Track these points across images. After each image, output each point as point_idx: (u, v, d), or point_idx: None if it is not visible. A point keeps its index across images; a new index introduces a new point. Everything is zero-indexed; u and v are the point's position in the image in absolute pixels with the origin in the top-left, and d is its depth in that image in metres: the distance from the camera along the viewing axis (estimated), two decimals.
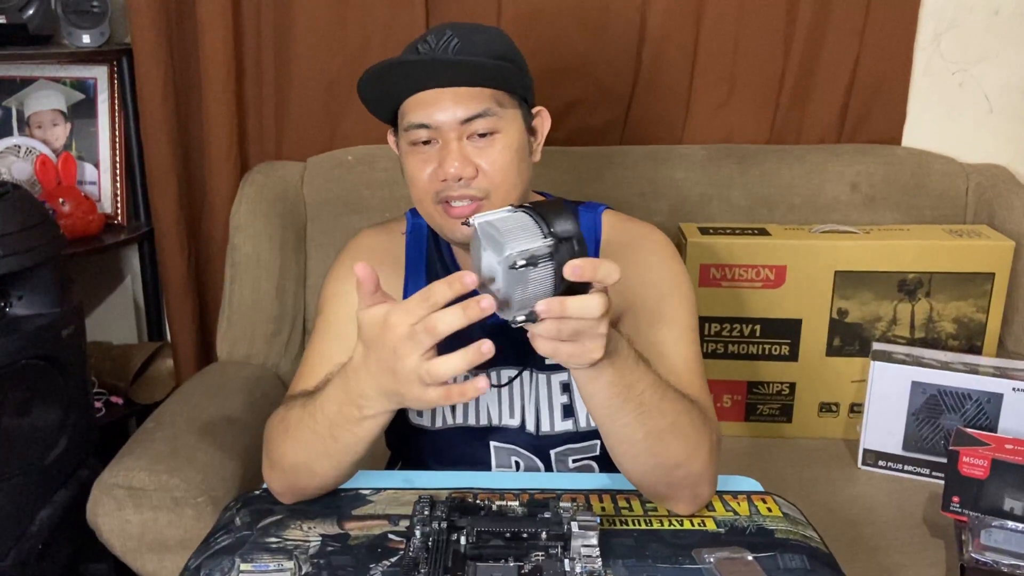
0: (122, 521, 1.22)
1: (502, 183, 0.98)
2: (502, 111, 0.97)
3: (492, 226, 0.72)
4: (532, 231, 0.72)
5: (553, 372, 1.08)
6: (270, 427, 0.97)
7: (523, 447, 1.11)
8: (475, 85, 0.95)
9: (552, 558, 0.83)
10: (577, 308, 0.72)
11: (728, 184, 1.69)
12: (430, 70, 0.96)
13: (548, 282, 0.72)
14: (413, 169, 0.99)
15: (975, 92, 1.80)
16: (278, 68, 1.71)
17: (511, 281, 0.71)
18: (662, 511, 0.93)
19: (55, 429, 1.40)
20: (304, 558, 0.84)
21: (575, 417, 1.09)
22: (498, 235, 0.71)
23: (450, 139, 0.96)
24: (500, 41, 1.00)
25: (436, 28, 0.99)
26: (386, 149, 1.69)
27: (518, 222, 0.72)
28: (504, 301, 0.72)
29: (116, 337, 1.94)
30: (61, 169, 1.72)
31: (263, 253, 1.61)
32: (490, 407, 1.10)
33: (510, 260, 0.70)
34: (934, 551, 1.31)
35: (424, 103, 0.96)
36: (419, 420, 1.11)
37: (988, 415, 1.45)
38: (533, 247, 0.71)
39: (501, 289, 0.72)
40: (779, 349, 1.60)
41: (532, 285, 0.71)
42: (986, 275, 1.56)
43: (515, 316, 0.73)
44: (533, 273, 0.71)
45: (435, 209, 1.00)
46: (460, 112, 0.95)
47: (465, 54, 0.95)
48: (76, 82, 1.77)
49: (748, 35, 1.73)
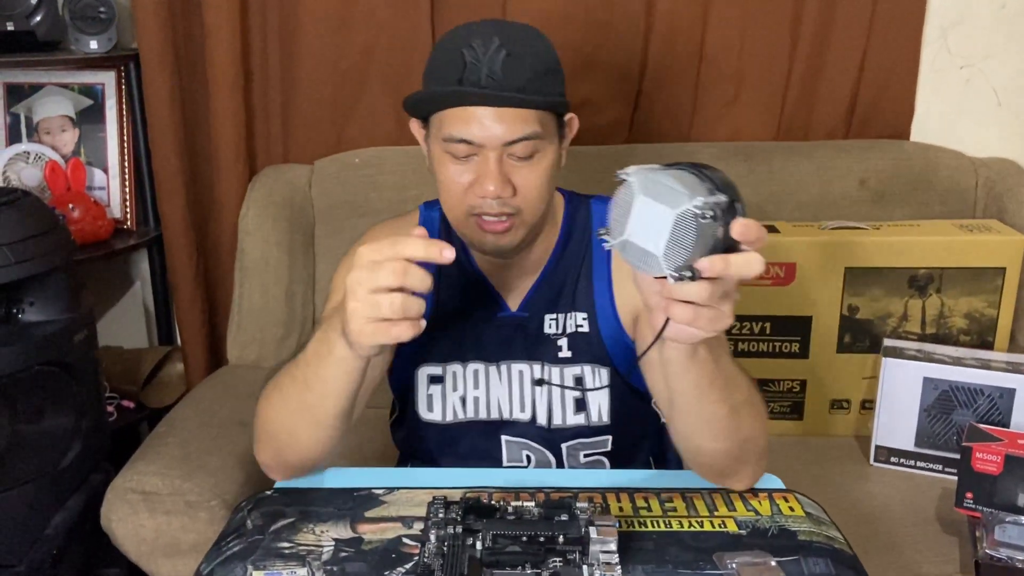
0: (136, 525, 1.22)
1: (535, 201, 0.99)
2: (544, 132, 0.96)
3: (658, 179, 0.68)
4: (703, 186, 0.68)
5: (566, 366, 1.08)
6: (261, 398, 0.98)
7: (534, 441, 1.11)
8: (522, 107, 0.94)
9: (570, 564, 0.82)
10: (741, 265, 0.68)
11: (736, 181, 1.67)
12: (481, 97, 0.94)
13: (712, 240, 0.67)
14: (447, 178, 0.98)
15: (983, 86, 1.79)
16: (284, 71, 1.71)
17: (681, 234, 0.66)
18: (681, 511, 0.92)
19: (68, 434, 1.40)
20: (317, 564, 0.84)
21: (587, 411, 1.10)
22: (676, 186, 0.67)
23: (490, 158, 0.95)
24: (545, 51, 0.97)
25: (482, 30, 0.95)
26: (393, 151, 1.71)
27: (685, 177, 0.68)
28: (655, 256, 0.67)
29: (126, 341, 1.94)
30: (70, 175, 1.73)
31: (272, 257, 1.61)
32: (501, 401, 1.11)
33: (694, 211, 0.66)
34: (948, 548, 1.31)
35: (468, 119, 0.94)
36: (429, 415, 1.12)
37: (1000, 410, 1.45)
38: (713, 200, 0.66)
39: (663, 244, 0.66)
40: (789, 346, 1.60)
41: (701, 241, 0.67)
42: (997, 270, 1.56)
43: (671, 272, 0.68)
44: (708, 228, 0.66)
45: (467, 221, 0.99)
46: (505, 134, 0.94)
47: (513, 69, 0.93)
48: (84, 88, 1.77)
49: (755, 32, 1.72)
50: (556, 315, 1.08)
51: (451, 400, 1.10)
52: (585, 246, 1.08)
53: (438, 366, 1.10)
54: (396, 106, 1.74)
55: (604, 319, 1.07)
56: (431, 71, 0.98)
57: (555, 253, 1.07)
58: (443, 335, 1.08)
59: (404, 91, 1.69)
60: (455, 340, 1.09)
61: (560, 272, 1.08)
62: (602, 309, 1.07)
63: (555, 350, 1.08)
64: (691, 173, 0.70)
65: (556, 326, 1.08)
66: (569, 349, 1.08)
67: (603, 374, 1.08)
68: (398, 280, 0.75)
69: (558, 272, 1.08)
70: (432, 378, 1.10)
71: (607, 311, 1.07)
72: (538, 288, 1.08)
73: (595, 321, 1.07)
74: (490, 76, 0.92)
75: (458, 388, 1.10)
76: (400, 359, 1.11)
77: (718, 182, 0.69)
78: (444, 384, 1.10)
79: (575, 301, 1.07)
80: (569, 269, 1.08)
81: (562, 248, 1.08)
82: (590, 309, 1.07)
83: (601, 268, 1.07)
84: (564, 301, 1.07)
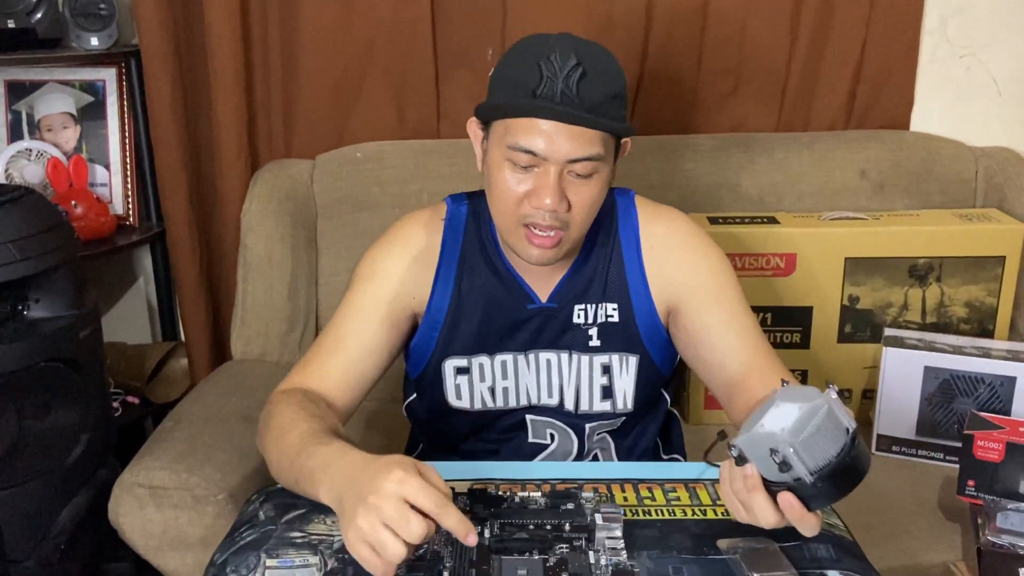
0: (144, 520, 1.23)
1: (586, 218, 1.01)
2: (605, 154, 0.97)
3: (835, 415, 0.75)
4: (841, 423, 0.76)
5: (595, 354, 1.10)
6: (270, 407, 1.00)
7: (560, 421, 1.14)
8: (592, 128, 0.95)
9: (577, 550, 0.83)
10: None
11: (737, 173, 1.69)
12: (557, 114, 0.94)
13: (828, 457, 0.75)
14: (504, 184, 0.98)
15: (983, 76, 1.80)
16: (286, 66, 1.71)
17: (803, 452, 0.74)
18: (685, 501, 0.93)
19: (74, 430, 1.41)
20: (329, 553, 0.85)
21: (613, 399, 1.12)
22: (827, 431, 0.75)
23: (552, 172, 0.95)
24: (618, 75, 0.98)
25: (560, 44, 0.95)
26: (395, 145, 1.72)
27: (834, 421, 0.75)
28: (773, 458, 0.75)
29: (130, 337, 1.95)
30: (72, 172, 1.73)
31: (275, 252, 1.62)
32: (529, 389, 1.12)
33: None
34: (950, 535, 1.32)
35: (537, 131, 0.94)
36: (458, 403, 1.13)
37: (1001, 398, 1.46)
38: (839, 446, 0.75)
39: (789, 452, 0.74)
40: (791, 337, 1.61)
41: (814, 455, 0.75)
42: (997, 259, 1.56)
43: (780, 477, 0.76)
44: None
45: (516, 229, 1.00)
46: (571, 151, 0.95)
47: (588, 89, 0.94)
48: (85, 84, 1.78)
49: (754, 24, 1.72)
50: (585, 305, 1.09)
51: (479, 389, 1.12)
52: (613, 237, 1.10)
53: (464, 358, 1.11)
54: (397, 100, 1.75)
55: (640, 308, 1.09)
56: (504, 77, 0.98)
57: (584, 246, 1.09)
58: (468, 329, 1.10)
59: (406, 85, 1.74)
60: (482, 333, 1.10)
61: (590, 264, 1.09)
62: (637, 298, 1.09)
63: (585, 339, 1.10)
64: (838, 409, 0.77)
65: (585, 316, 1.09)
66: (599, 338, 1.10)
67: (631, 362, 1.11)
68: (413, 537, 0.74)
69: (587, 264, 1.09)
70: (459, 369, 1.12)
71: (643, 300, 1.09)
72: (568, 280, 1.09)
73: (629, 311, 1.09)
74: (565, 92, 0.93)
75: (486, 379, 1.12)
76: (420, 354, 1.12)
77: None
78: (471, 375, 1.12)
79: (606, 292, 1.09)
80: (599, 261, 1.10)
81: (591, 241, 1.09)
82: (623, 299, 1.09)
83: (633, 259, 1.09)
84: (594, 292, 1.09)
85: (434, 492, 0.75)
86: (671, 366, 1.16)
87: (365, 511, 0.75)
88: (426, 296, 1.09)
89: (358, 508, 0.76)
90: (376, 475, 0.77)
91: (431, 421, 1.20)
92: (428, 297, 1.09)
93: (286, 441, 0.92)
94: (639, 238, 1.09)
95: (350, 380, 1.05)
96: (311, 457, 0.87)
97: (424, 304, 1.09)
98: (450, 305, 1.09)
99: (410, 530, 0.74)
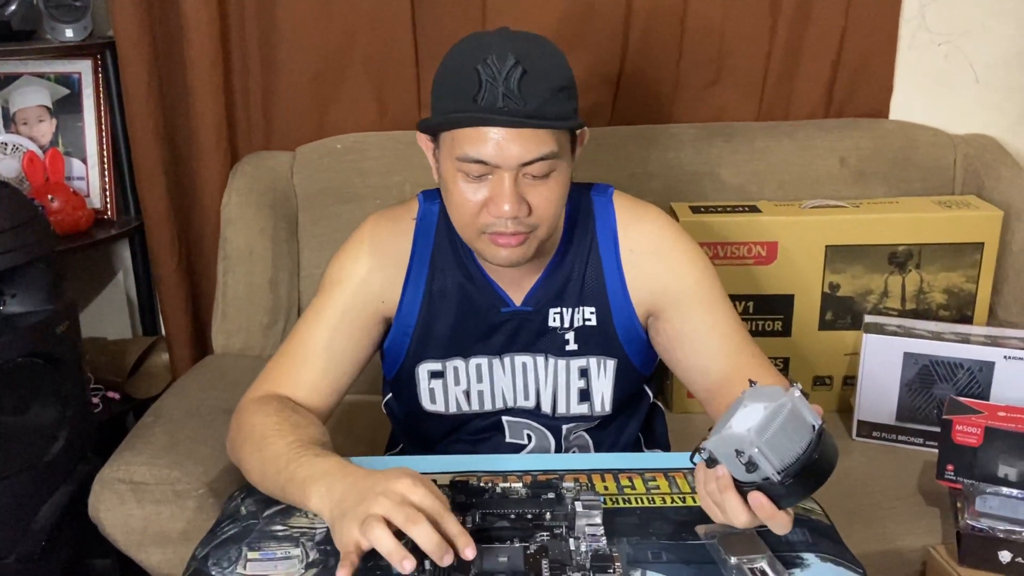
0: (124, 515, 1.22)
1: (551, 218, 0.98)
2: (559, 151, 0.94)
3: (799, 413, 0.76)
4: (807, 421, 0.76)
5: (572, 358, 1.09)
6: (245, 416, 0.99)
7: (536, 422, 1.13)
8: (538, 128, 0.91)
9: (557, 538, 0.84)
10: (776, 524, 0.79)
11: (718, 162, 1.69)
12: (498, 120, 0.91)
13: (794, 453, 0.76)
14: (460, 196, 0.96)
15: (961, 63, 1.80)
16: (264, 57, 1.69)
17: (769, 452, 0.75)
18: (664, 489, 0.94)
19: (53, 426, 1.40)
20: (311, 545, 0.85)
21: (591, 402, 1.11)
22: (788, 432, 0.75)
23: (506, 178, 0.92)
24: (560, 67, 0.94)
25: (497, 44, 0.92)
26: (376, 136, 1.71)
27: (798, 420, 0.76)
28: (745, 458, 0.76)
29: (111, 332, 1.93)
30: (48, 165, 1.71)
31: (255, 245, 1.61)
32: (505, 392, 1.11)
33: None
34: (930, 519, 1.33)
35: (484, 140, 0.91)
36: (432, 407, 1.12)
37: (980, 383, 1.47)
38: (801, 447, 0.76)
39: (754, 452, 0.75)
40: (772, 325, 1.61)
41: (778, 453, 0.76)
42: (975, 245, 1.58)
43: (749, 478, 0.77)
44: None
45: (481, 237, 0.98)
46: (522, 155, 0.92)
47: (530, 88, 0.90)
48: (61, 77, 1.75)
49: (735, 13, 1.72)
50: (561, 309, 1.07)
51: (454, 393, 1.11)
52: (590, 238, 1.07)
53: (438, 362, 1.10)
54: (378, 91, 1.74)
55: (619, 312, 1.07)
56: (443, 86, 0.95)
57: (559, 248, 1.07)
58: (441, 332, 1.08)
59: (385, 75, 1.73)
60: (455, 336, 1.08)
61: (565, 266, 1.07)
62: (616, 302, 1.07)
63: (561, 343, 1.08)
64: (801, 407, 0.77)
65: (562, 320, 1.07)
66: (576, 342, 1.08)
67: (609, 366, 1.09)
68: (410, 524, 0.76)
69: (563, 266, 1.07)
70: (433, 373, 1.10)
71: (621, 304, 1.07)
72: (542, 283, 1.07)
73: (607, 314, 1.07)
74: (507, 96, 0.90)
75: (460, 382, 1.10)
76: (393, 357, 1.11)
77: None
78: (445, 378, 1.10)
79: (583, 295, 1.07)
80: (575, 263, 1.07)
81: (566, 242, 1.07)
82: (601, 303, 1.07)
83: (611, 261, 1.07)
84: (570, 294, 1.07)
85: (438, 501, 0.78)
86: (652, 366, 1.15)
87: (375, 501, 0.77)
88: (396, 299, 1.06)
89: (368, 501, 0.78)
90: (386, 478, 0.80)
91: (407, 421, 1.19)
92: (399, 300, 1.06)
93: (273, 450, 0.91)
94: (618, 240, 1.06)
95: (323, 389, 1.04)
96: (303, 467, 0.87)
97: (395, 307, 1.07)
98: (421, 308, 1.07)
99: (417, 528, 0.76)
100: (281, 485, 0.89)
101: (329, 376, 1.05)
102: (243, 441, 0.97)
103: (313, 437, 0.93)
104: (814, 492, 0.77)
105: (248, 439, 0.96)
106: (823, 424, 0.77)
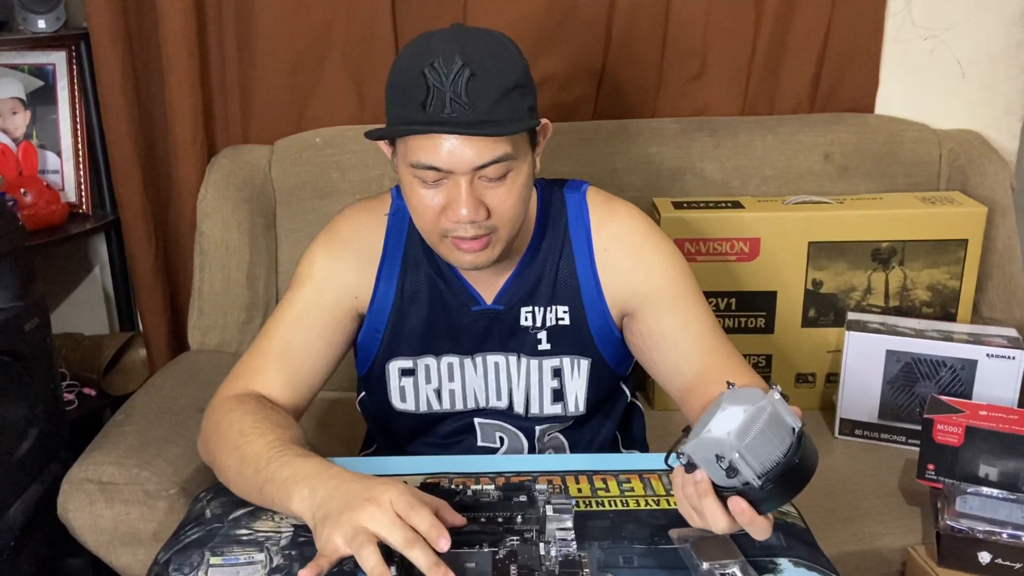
0: (94, 516, 1.20)
1: (512, 220, 0.96)
2: (515, 151, 0.92)
3: (779, 416, 0.74)
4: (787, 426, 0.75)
5: (545, 357, 1.07)
6: (220, 415, 0.96)
7: (509, 424, 1.12)
8: (488, 134, 0.89)
9: (527, 542, 0.82)
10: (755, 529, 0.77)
11: (701, 157, 1.68)
12: (447, 127, 0.89)
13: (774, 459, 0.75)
14: (419, 202, 0.94)
15: (947, 58, 1.79)
16: (241, 49, 1.67)
17: (749, 456, 0.74)
18: (639, 491, 0.92)
19: (23, 424, 1.37)
20: (276, 549, 0.83)
21: (564, 402, 1.09)
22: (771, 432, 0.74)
23: (461, 183, 0.91)
24: (511, 65, 0.91)
25: (444, 45, 0.89)
26: (355, 130, 1.68)
27: (778, 423, 0.74)
28: (718, 461, 0.74)
29: (87, 328, 1.91)
30: (22, 158, 1.68)
31: (232, 240, 1.58)
32: (477, 392, 1.10)
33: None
34: (910, 519, 1.32)
35: (436, 146, 0.89)
36: (402, 406, 1.10)
37: (963, 382, 1.46)
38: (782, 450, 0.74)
39: (735, 457, 0.73)
40: (755, 322, 1.60)
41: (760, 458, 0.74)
42: (959, 242, 1.57)
43: (728, 481, 0.76)
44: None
45: (443, 242, 0.96)
46: (476, 159, 0.90)
47: (479, 91, 0.88)
48: (34, 68, 1.72)
49: (719, 7, 1.71)
50: (533, 308, 1.06)
51: (424, 392, 1.09)
52: (562, 237, 1.05)
53: (409, 359, 1.08)
54: (357, 84, 1.72)
55: (592, 311, 1.05)
56: (393, 91, 0.93)
57: (530, 246, 1.05)
58: (412, 329, 1.07)
59: (365, 68, 1.70)
60: (426, 334, 1.07)
61: (536, 264, 1.05)
62: (589, 301, 1.05)
63: (534, 342, 1.06)
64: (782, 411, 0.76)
65: (534, 319, 1.06)
66: (549, 341, 1.06)
67: (583, 365, 1.08)
68: (403, 544, 0.75)
69: (534, 264, 1.05)
70: (403, 371, 1.09)
71: (595, 303, 1.05)
72: (513, 281, 1.05)
73: (581, 313, 1.05)
74: (455, 100, 0.88)
75: (432, 380, 1.09)
76: (365, 353, 1.09)
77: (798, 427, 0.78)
78: (416, 376, 1.09)
79: (555, 294, 1.05)
80: (546, 261, 1.05)
81: (537, 240, 1.05)
82: (574, 301, 1.05)
83: (584, 260, 1.05)
84: (543, 293, 1.05)
85: (428, 514, 0.76)
86: (628, 365, 1.13)
87: (364, 511, 0.76)
88: (368, 295, 1.05)
89: (355, 508, 0.76)
90: (374, 485, 0.78)
91: (378, 420, 1.17)
92: (371, 296, 1.05)
93: (251, 449, 0.89)
94: (591, 238, 1.05)
95: (296, 386, 1.02)
96: (285, 467, 0.85)
97: (367, 303, 1.05)
98: (393, 305, 1.05)
99: (415, 552, 0.74)
100: (259, 486, 0.86)
101: (302, 374, 1.03)
102: (217, 440, 0.95)
103: (293, 437, 0.91)
104: (795, 496, 0.76)
105: (223, 438, 0.94)
106: (803, 427, 0.75)
